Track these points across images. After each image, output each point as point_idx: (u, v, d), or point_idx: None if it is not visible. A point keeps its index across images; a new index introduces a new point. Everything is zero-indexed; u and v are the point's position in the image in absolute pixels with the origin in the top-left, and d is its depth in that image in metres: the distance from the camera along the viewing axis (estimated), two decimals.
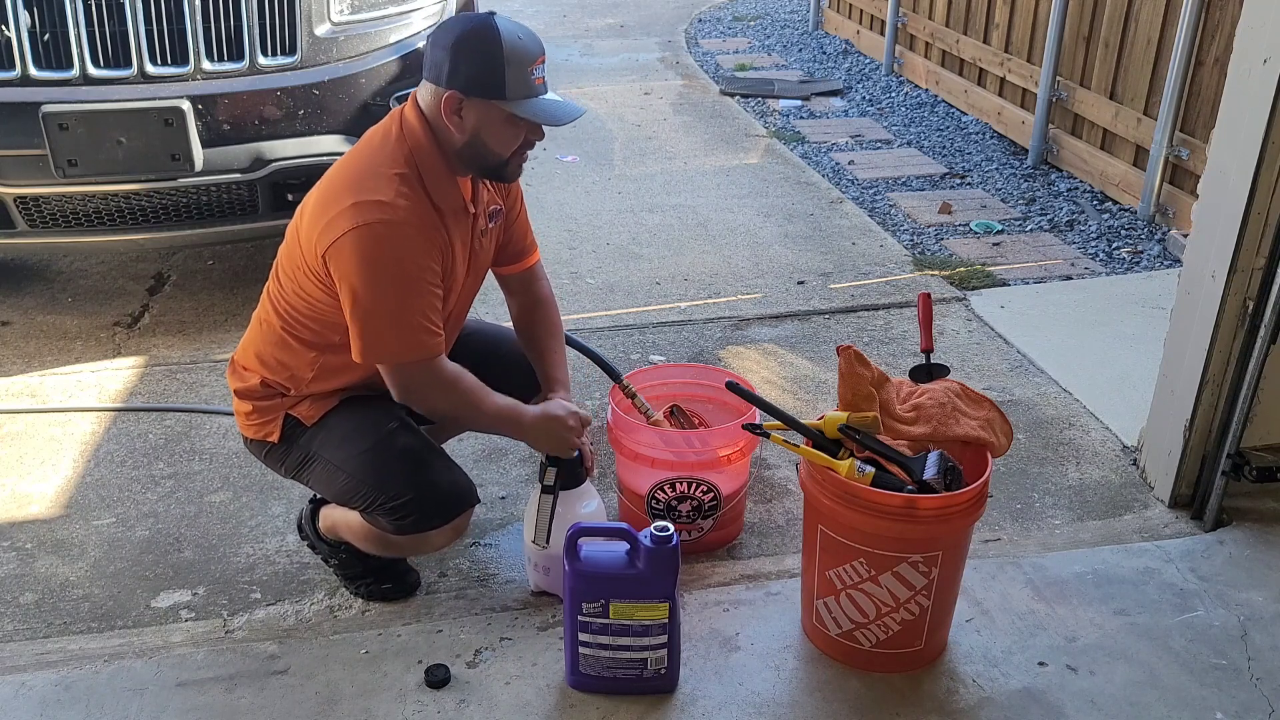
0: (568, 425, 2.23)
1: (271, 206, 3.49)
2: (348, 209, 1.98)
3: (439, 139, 2.06)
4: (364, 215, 1.97)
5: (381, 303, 2.01)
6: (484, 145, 2.05)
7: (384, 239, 1.97)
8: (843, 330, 3.69)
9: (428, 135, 2.05)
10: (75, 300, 3.92)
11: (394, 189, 2.00)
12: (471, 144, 2.05)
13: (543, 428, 2.22)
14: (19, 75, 3.17)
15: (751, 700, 2.09)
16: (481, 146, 2.05)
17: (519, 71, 1.99)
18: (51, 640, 2.32)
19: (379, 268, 1.98)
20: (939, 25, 6.44)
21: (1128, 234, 4.49)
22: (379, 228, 1.97)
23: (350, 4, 3.48)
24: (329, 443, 2.20)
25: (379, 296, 2.00)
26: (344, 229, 1.97)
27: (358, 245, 1.97)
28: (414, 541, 2.21)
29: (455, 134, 2.04)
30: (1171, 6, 4.38)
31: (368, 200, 1.98)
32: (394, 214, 1.98)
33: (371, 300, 2.00)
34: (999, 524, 2.67)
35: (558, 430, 2.22)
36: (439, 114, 2.03)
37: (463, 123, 2.03)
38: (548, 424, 2.22)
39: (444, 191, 2.08)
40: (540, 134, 2.10)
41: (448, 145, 2.06)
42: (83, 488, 2.84)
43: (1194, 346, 2.55)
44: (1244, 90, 2.36)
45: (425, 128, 2.06)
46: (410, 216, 2.00)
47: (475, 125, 2.03)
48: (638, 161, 5.46)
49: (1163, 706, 2.08)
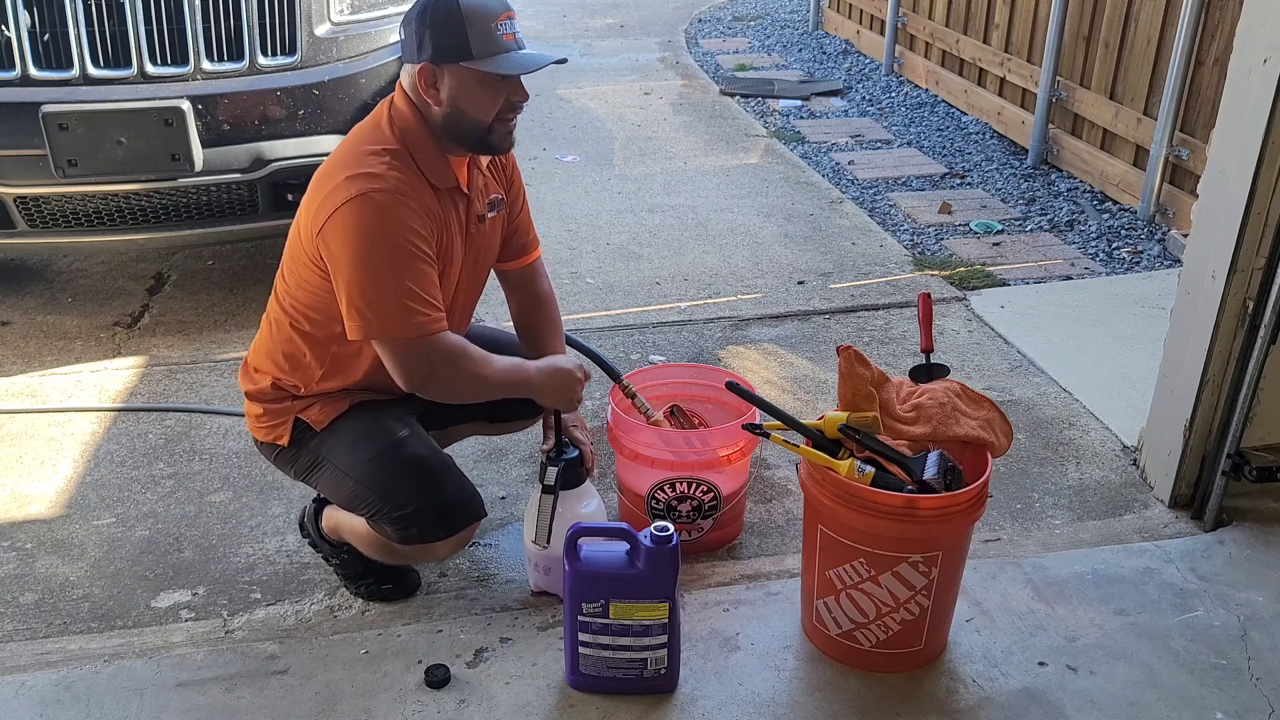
0: (575, 377, 2.21)
1: (271, 206, 3.49)
2: (340, 184, 1.98)
3: (425, 118, 2.06)
4: (356, 187, 1.97)
5: (375, 275, 1.98)
6: (463, 113, 2.04)
7: (377, 208, 1.96)
8: (843, 330, 3.69)
9: (415, 116, 2.06)
10: (75, 300, 3.92)
11: (385, 163, 2.00)
12: (451, 114, 2.04)
13: (550, 381, 2.20)
14: (19, 75, 3.17)
15: (751, 700, 2.09)
16: (460, 115, 2.04)
17: (481, 28, 1.98)
18: (51, 640, 2.32)
19: (371, 238, 1.97)
20: (939, 25, 6.44)
21: (1128, 234, 4.49)
22: (373, 196, 1.96)
23: (350, 4, 3.48)
24: (338, 448, 2.19)
25: (372, 269, 1.98)
26: (337, 203, 1.97)
27: (349, 217, 1.96)
28: (417, 551, 2.21)
29: (435, 107, 2.04)
30: (1171, 6, 4.38)
31: (359, 173, 1.98)
32: (385, 183, 1.98)
33: (364, 273, 1.98)
34: (999, 524, 2.67)
35: (565, 381, 2.20)
36: (419, 91, 2.04)
37: (439, 94, 2.03)
38: (554, 376, 2.20)
39: (436, 169, 2.08)
40: (521, 93, 2.08)
41: (434, 123, 2.06)
42: (83, 488, 2.84)
43: (1194, 346, 2.55)
44: (1244, 90, 2.36)
45: (412, 109, 2.07)
46: (402, 187, 1.99)
47: (451, 93, 2.03)
48: (638, 161, 5.46)
49: (1163, 706, 2.08)
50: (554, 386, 2.20)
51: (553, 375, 2.20)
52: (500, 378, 2.16)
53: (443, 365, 2.08)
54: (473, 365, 2.11)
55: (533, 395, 2.22)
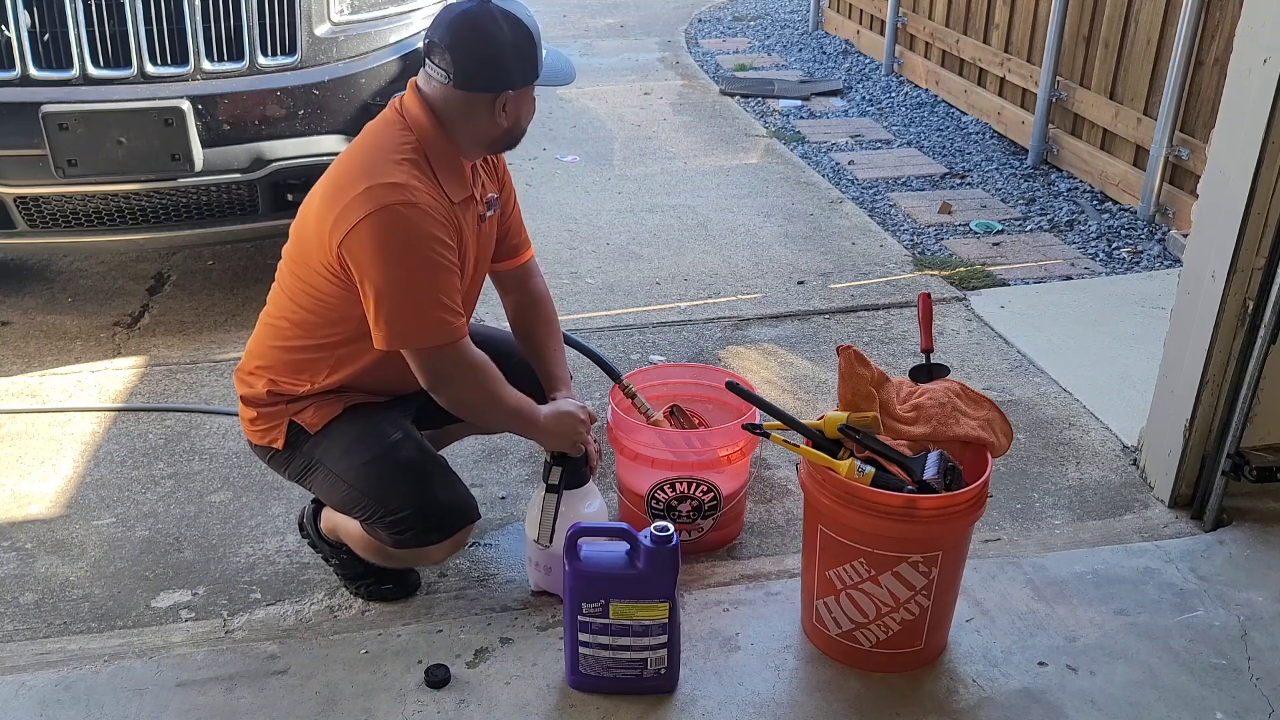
0: (581, 421, 2.24)
1: (271, 206, 3.49)
2: (361, 194, 1.96)
3: (448, 129, 2.06)
4: (380, 198, 1.95)
5: (405, 287, 1.99)
6: (520, 125, 2.13)
7: (402, 220, 1.96)
8: (843, 330, 3.69)
9: (434, 125, 2.05)
10: (75, 300, 3.92)
11: (406, 172, 2.00)
12: (511, 130, 2.11)
13: (556, 426, 2.22)
14: (19, 75, 3.17)
15: (751, 700, 2.09)
16: (518, 128, 2.13)
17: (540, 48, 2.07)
18: (51, 640, 2.32)
19: (400, 251, 1.97)
20: (939, 25, 6.44)
21: (1128, 234, 4.49)
22: (397, 209, 1.95)
23: (350, 4, 3.48)
24: (332, 452, 2.18)
25: (402, 280, 1.98)
26: (361, 214, 1.95)
27: (376, 229, 1.95)
28: (412, 555, 2.21)
29: (502, 125, 2.08)
30: (1171, 6, 4.38)
31: (381, 183, 1.97)
32: (410, 195, 1.97)
33: (394, 285, 1.98)
34: (999, 524, 2.67)
35: (571, 427, 2.23)
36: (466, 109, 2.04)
37: (508, 114, 2.07)
38: (561, 421, 2.22)
39: (452, 179, 2.09)
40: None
41: (470, 135, 2.07)
42: (83, 488, 2.84)
43: (1194, 346, 2.55)
44: (1244, 90, 2.36)
45: (432, 118, 2.05)
46: (425, 198, 2.00)
47: (516, 112, 2.09)
48: (638, 161, 5.46)
49: (1163, 706, 2.08)
50: (560, 430, 2.23)
51: (558, 420, 2.23)
52: (512, 402, 2.18)
53: (461, 373, 2.10)
54: (491, 383, 2.14)
55: (537, 437, 2.26)
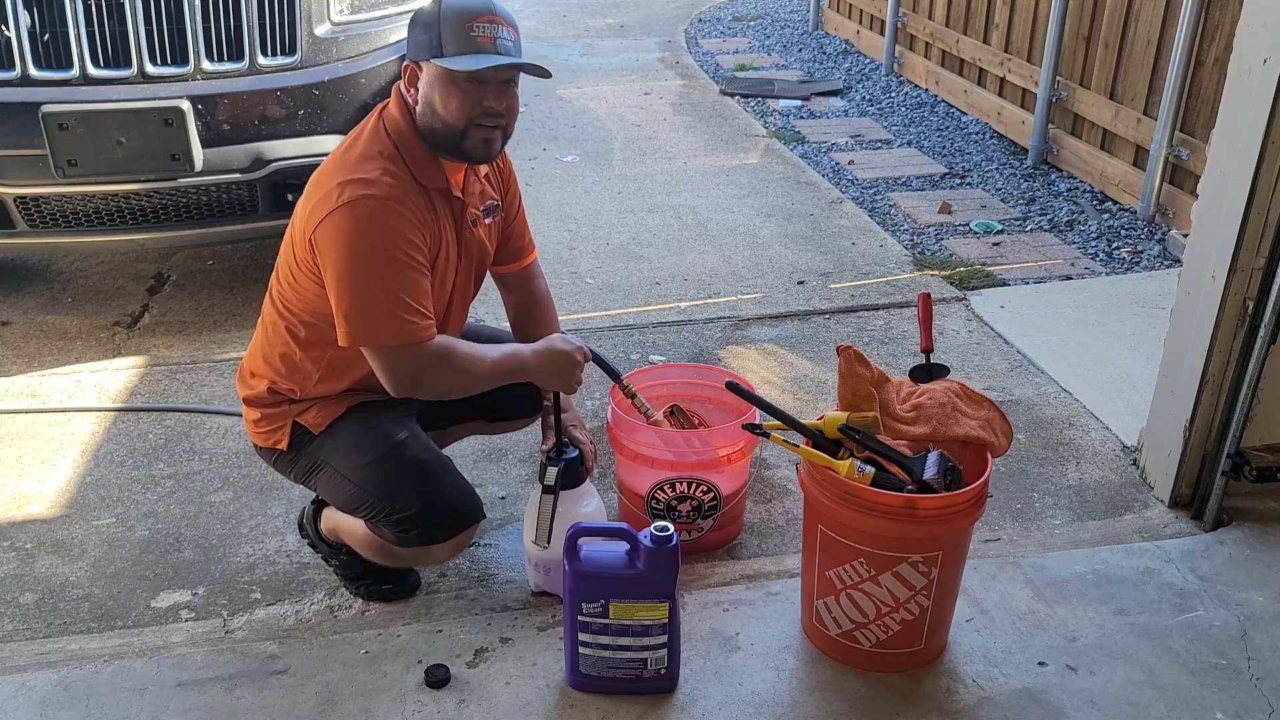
0: (574, 359, 2.18)
1: (271, 206, 3.49)
2: (333, 189, 1.98)
3: (414, 119, 2.06)
4: (348, 193, 1.96)
5: (365, 283, 1.98)
6: (434, 113, 2.02)
7: (370, 214, 1.96)
8: (843, 330, 3.69)
9: (405, 118, 2.07)
10: (75, 300, 3.92)
11: (379, 167, 2.00)
12: (425, 114, 2.04)
13: (548, 364, 2.17)
14: (19, 75, 3.17)
15: (751, 700, 2.09)
16: (433, 115, 2.03)
17: (456, 27, 1.96)
18: (51, 640, 2.32)
19: (363, 244, 1.97)
20: (939, 25, 6.44)
21: (1128, 234, 4.49)
22: (365, 203, 1.96)
23: (350, 4, 3.48)
24: (336, 451, 2.18)
25: (362, 276, 1.98)
26: (329, 209, 1.97)
27: (342, 222, 1.96)
28: (416, 554, 2.21)
29: (415, 105, 2.05)
30: (1171, 6, 4.38)
31: (353, 179, 1.98)
32: (379, 189, 1.97)
33: (354, 280, 1.98)
34: (999, 524, 2.67)
35: (563, 363, 2.17)
36: (404, 89, 2.05)
37: (416, 91, 2.04)
38: (552, 359, 2.17)
39: (427, 172, 2.07)
40: (495, 100, 2.02)
41: (420, 123, 2.06)
42: (83, 488, 2.84)
43: (1194, 346, 2.55)
44: (1244, 90, 2.36)
45: (404, 111, 2.07)
46: (395, 192, 1.99)
47: (426, 91, 2.02)
48: (638, 161, 5.46)
49: (1163, 706, 2.08)
50: (551, 369, 2.17)
51: (549, 357, 2.17)
52: (493, 368, 2.13)
53: (430, 370, 2.07)
54: (462, 364, 2.10)
55: (530, 379, 2.19)
